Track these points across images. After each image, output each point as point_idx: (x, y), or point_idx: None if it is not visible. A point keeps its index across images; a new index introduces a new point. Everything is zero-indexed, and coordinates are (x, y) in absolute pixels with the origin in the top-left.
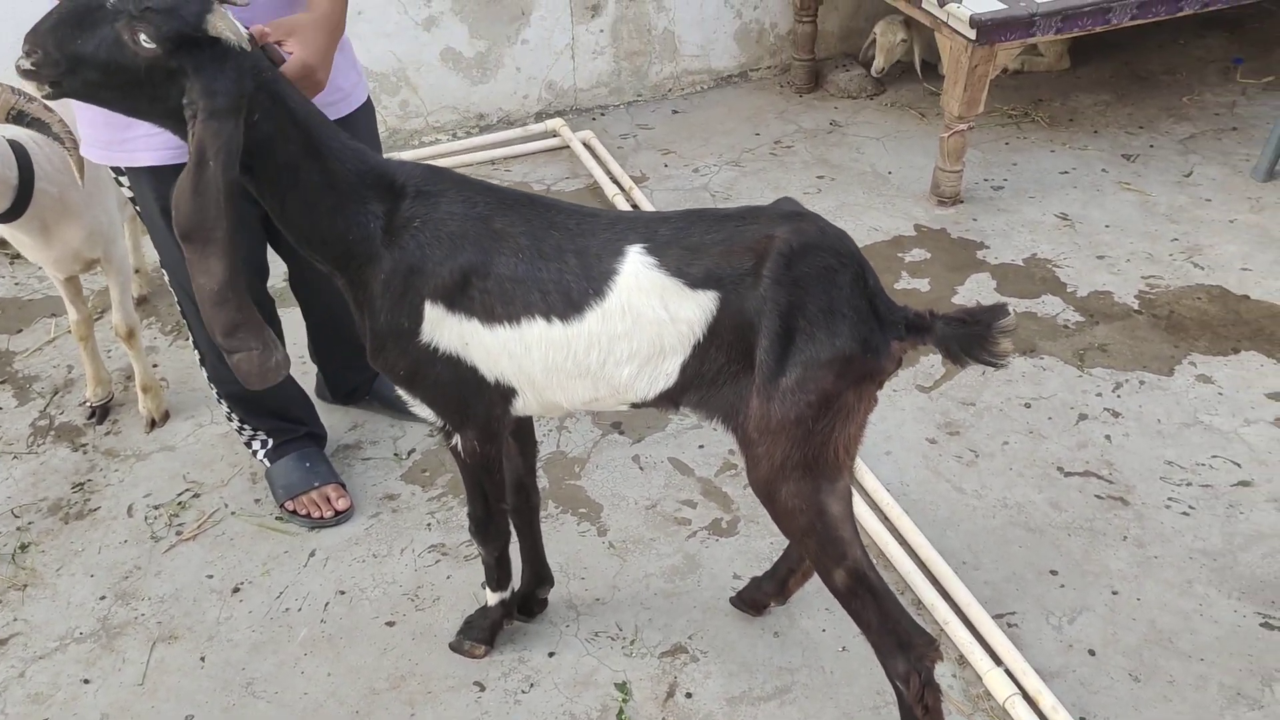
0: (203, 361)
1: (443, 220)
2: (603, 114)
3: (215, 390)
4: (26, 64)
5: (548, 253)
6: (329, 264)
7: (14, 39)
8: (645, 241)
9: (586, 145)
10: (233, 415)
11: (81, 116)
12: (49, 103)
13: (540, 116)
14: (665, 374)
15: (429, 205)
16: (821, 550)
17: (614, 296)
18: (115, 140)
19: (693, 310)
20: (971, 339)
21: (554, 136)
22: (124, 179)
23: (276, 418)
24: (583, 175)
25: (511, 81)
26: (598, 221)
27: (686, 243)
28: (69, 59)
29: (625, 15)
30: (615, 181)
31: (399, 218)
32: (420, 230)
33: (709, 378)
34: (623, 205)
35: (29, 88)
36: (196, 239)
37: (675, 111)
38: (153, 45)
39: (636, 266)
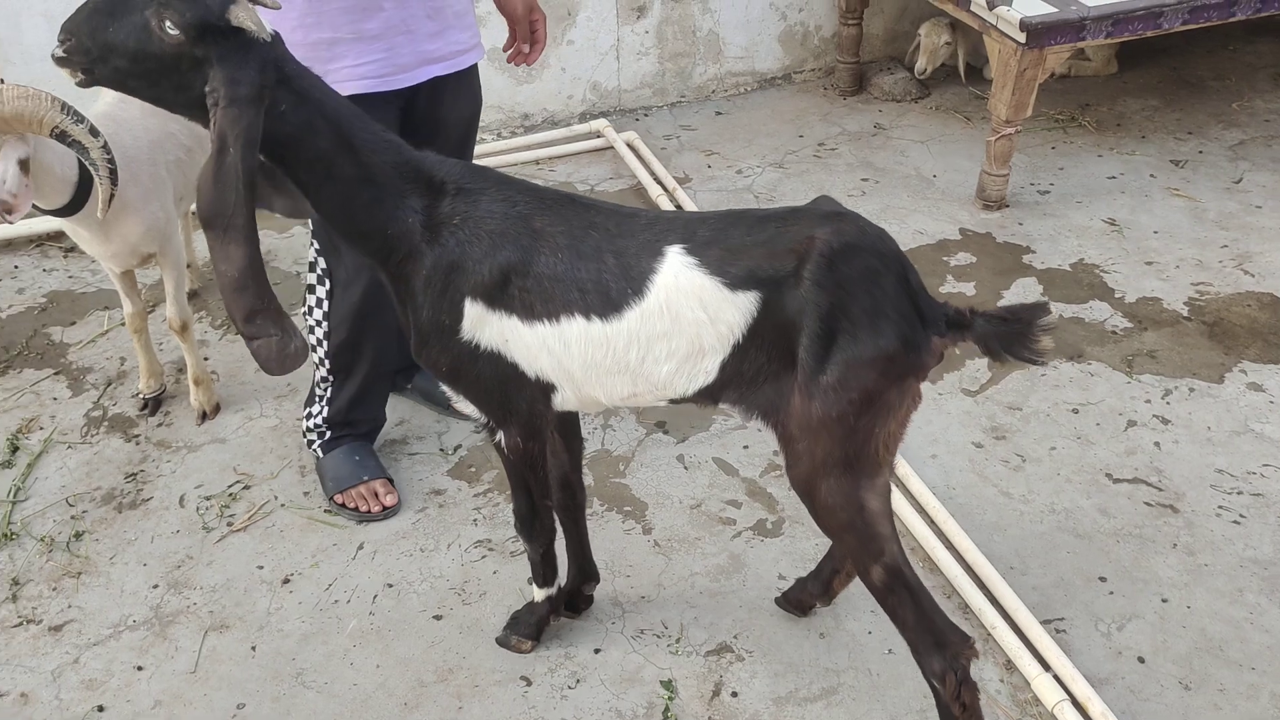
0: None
1: (483, 218)
2: (646, 115)
3: (328, 377)
4: (60, 51)
5: (587, 252)
6: (370, 257)
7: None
8: (685, 242)
9: (630, 146)
10: (321, 410)
11: None
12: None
13: (584, 117)
14: (704, 371)
15: (469, 203)
16: (860, 546)
17: (653, 296)
18: None
19: (733, 312)
20: (1012, 336)
21: (598, 137)
22: None
23: (370, 408)
24: (626, 176)
25: (556, 82)
26: (636, 221)
27: (727, 243)
28: (100, 46)
29: (670, 17)
30: (659, 182)
31: (439, 214)
32: (461, 228)
33: (749, 376)
34: (666, 206)
35: (68, 75)
36: (217, 226)
37: (719, 113)
38: (177, 32)
39: (676, 267)
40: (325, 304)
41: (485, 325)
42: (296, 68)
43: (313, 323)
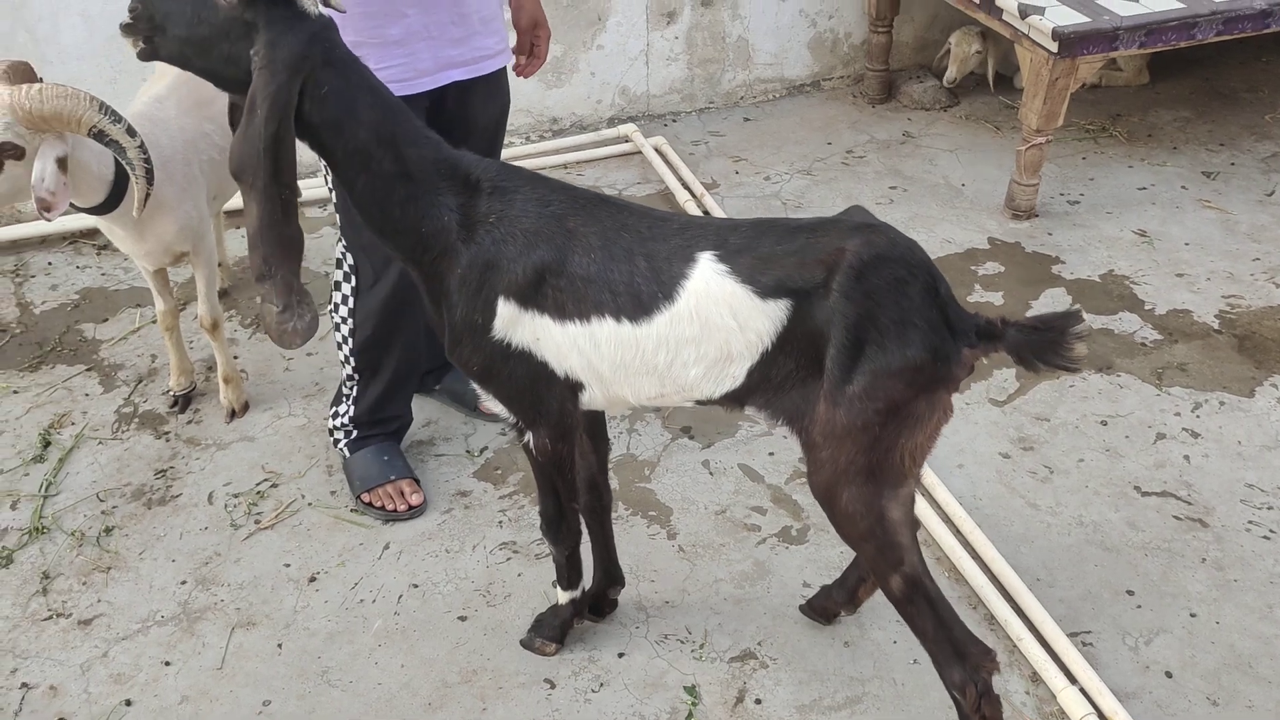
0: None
1: (518, 217)
2: (675, 120)
3: (354, 374)
4: (127, 18)
5: (619, 254)
6: (402, 254)
7: (98, 46)
8: (717, 248)
9: (658, 151)
10: (347, 409)
11: None
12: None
13: (613, 122)
14: (731, 376)
15: (504, 201)
16: (879, 555)
17: (683, 301)
18: None
19: (762, 320)
20: (1045, 345)
21: (626, 142)
22: None
23: (397, 405)
24: (654, 181)
25: (586, 86)
26: (669, 226)
27: (758, 252)
28: (163, 14)
29: (700, 23)
30: (686, 187)
31: (475, 213)
32: (496, 226)
33: (776, 382)
34: (694, 211)
35: (130, 44)
36: (243, 181)
37: (747, 119)
38: None
39: (707, 273)
40: (351, 301)
41: (518, 324)
42: (345, 54)
43: (338, 319)
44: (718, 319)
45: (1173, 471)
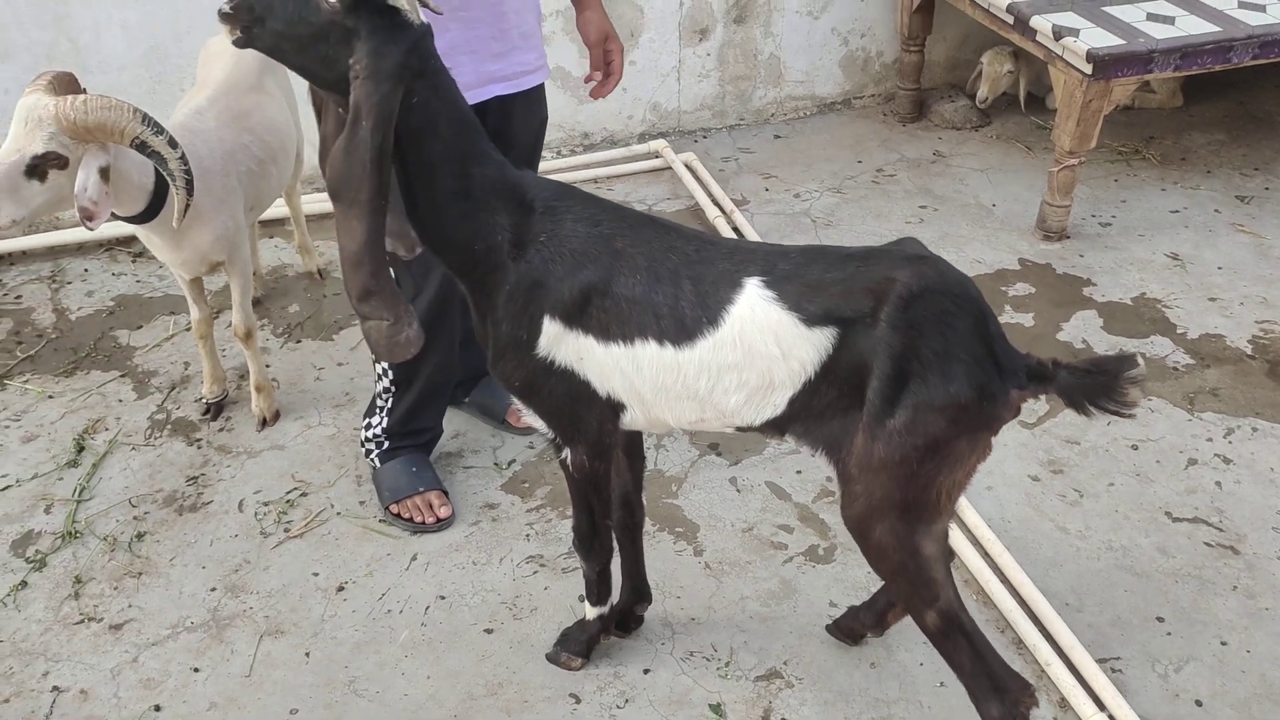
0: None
1: (567, 237)
2: (705, 136)
3: (389, 385)
4: (227, 7)
5: (665, 277)
6: (453, 269)
7: (139, 57)
8: (764, 274)
9: (688, 167)
10: (380, 420)
11: None
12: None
13: (644, 137)
14: (773, 404)
15: (555, 221)
16: (913, 591)
17: (728, 327)
18: None
19: (806, 349)
20: (1097, 389)
21: (656, 157)
22: None
23: (429, 416)
24: (684, 196)
25: (617, 102)
26: (717, 250)
27: (806, 279)
28: (263, 6)
29: (732, 40)
30: (716, 204)
31: (526, 232)
32: (546, 245)
33: (817, 411)
34: (724, 227)
35: (227, 31)
36: (344, 198)
37: (777, 136)
38: (335, 1)
39: (753, 299)
40: None
41: (562, 343)
42: (438, 64)
43: None
44: (761, 346)
45: (1204, 497)
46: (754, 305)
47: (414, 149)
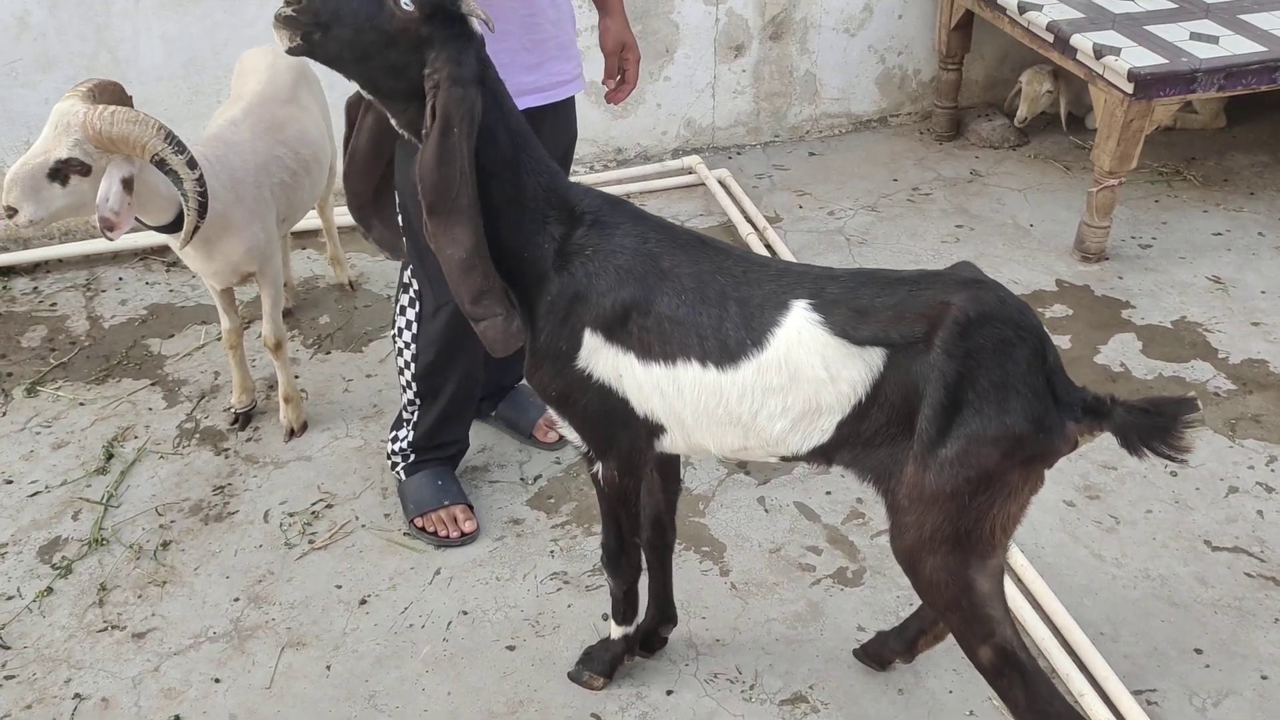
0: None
1: (614, 252)
2: (739, 153)
3: (414, 401)
4: (288, 10)
5: (710, 297)
6: (501, 277)
7: (177, 69)
8: (812, 298)
9: (722, 183)
10: (407, 434)
11: None
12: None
13: (677, 153)
14: (820, 430)
15: (603, 235)
16: (966, 627)
17: (773, 350)
18: None
19: (855, 372)
20: (1153, 430)
21: (690, 174)
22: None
23: (454, 430)
24: (717, 213)
25: (651, 117)
26: (765, 272)
27: (855, 303)
28: (330, 12)
29: (768, 56)
30: (749, 221)
31: (572, 244)
32: (591, 259)
33: (866, 437)
34: (756, 244)
35: (280, 37)
36: (441, 209)
37: (812, 154)
38: (412, 8)
39: (800, 322)
40: (415, 326)
41: (601, 358)
42: (495, 73)
43: (402, 344)
44: (808, 370)
45: (1245, 526)
46: (800, 328)
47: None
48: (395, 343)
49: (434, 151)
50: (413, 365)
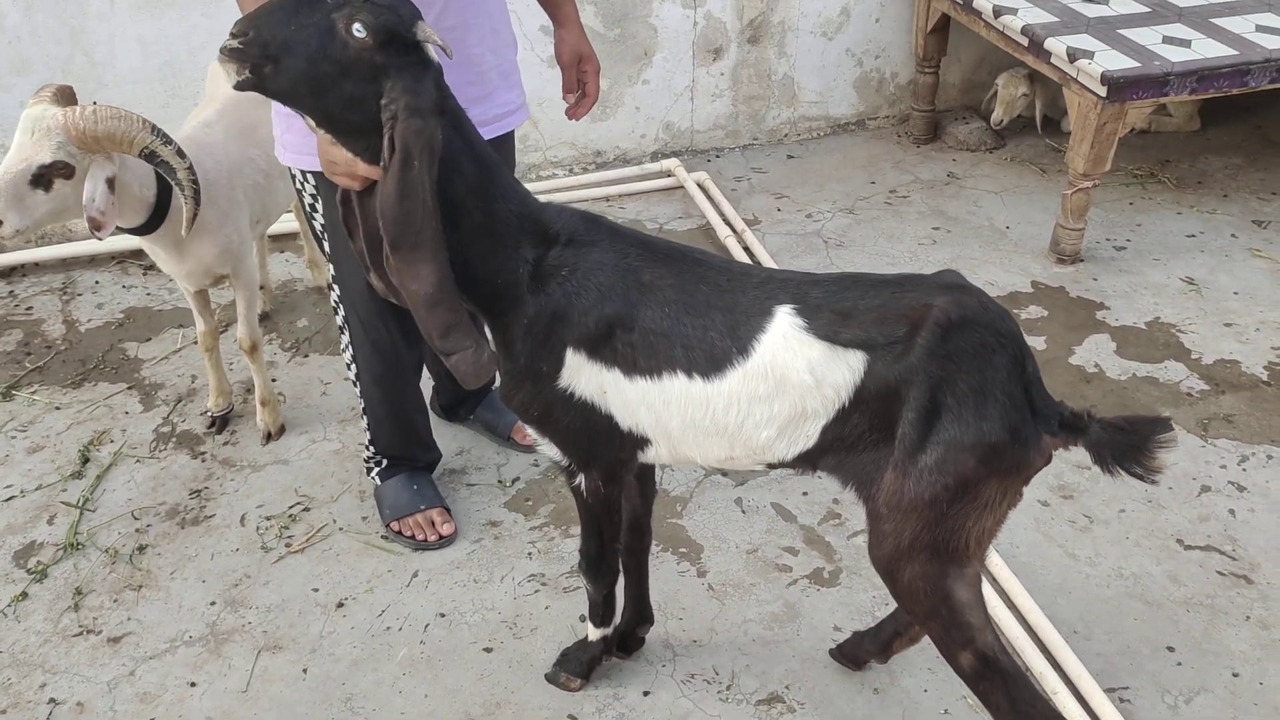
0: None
1: (592, 269)
2: (718, 156)
3: (366, 415)
4: (234, 43)
5: (694, 308)
6: (475, 305)
7: (153, 71)
8: (796, 303)
9: (701, 186)
10: (372, 444)
11: (277, 120)
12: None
13: (656, 156)
14: (805, 435)
15: (579, 254)
16: (946, 634)
17: (758, 357)
18: (306, 146)
19: (839, 375)
20: (1127, 449)
21: (669, 176)
22: (308, 184)
23: (413, 449)
24: (695, 216)
25: (630, 120)
26: (748, 279)
27: (839, 306)
28: (279, 44)
29: (746, 60)
30: (728, 223)
31: (547, 265)
32: (569, 278)
33: (849, 441)
34: (734, 247)
35: (228, 71)
36: (405, 244)
37: (790, 156)
38: (365, 35)
39: (785, 328)
40: (351, 349)
41: (584, 376)
42: (455, 102)
43: (348, 360)
44: (793, 375)
45: (1217, 525)
46: (785, 334)
47: (439, 188)
48: (344, 356)
49: (395, 186)
50: (357, 386)
